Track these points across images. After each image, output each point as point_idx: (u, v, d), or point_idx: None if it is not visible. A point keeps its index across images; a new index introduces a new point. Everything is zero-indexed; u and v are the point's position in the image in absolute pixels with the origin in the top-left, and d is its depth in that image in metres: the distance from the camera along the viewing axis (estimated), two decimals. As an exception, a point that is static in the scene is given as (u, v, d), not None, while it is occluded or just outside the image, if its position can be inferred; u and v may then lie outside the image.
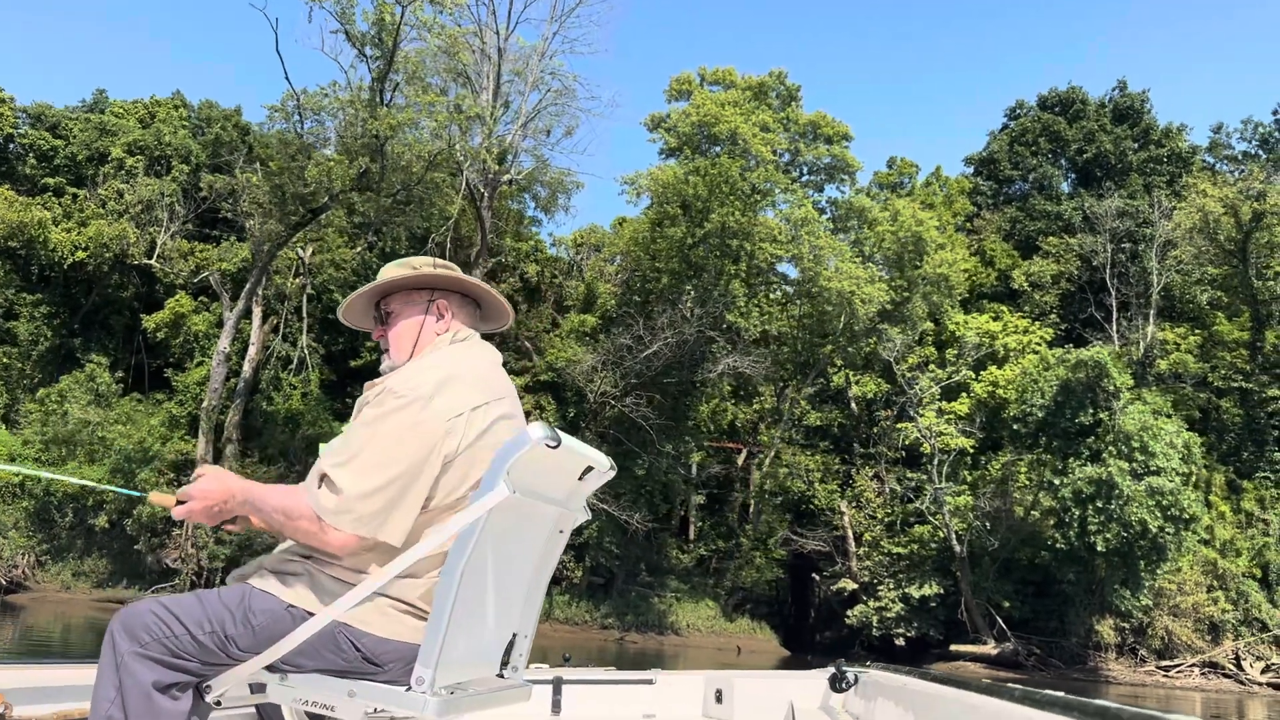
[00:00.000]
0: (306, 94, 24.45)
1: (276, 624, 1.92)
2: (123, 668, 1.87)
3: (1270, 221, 32.82)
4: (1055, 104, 40.82)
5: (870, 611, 31.57)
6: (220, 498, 2.00)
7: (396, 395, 1.94)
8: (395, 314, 2.21)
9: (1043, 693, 2.44)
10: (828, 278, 29.83)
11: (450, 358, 2.09)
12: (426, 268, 2.20)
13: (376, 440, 1.90)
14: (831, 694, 3.69)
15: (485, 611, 2.04)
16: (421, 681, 1.86)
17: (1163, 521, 25.28)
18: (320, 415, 29.51)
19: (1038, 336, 32.41)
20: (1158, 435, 26.10)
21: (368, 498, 1.86)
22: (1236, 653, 28.97)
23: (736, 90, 31.78)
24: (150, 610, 1.93)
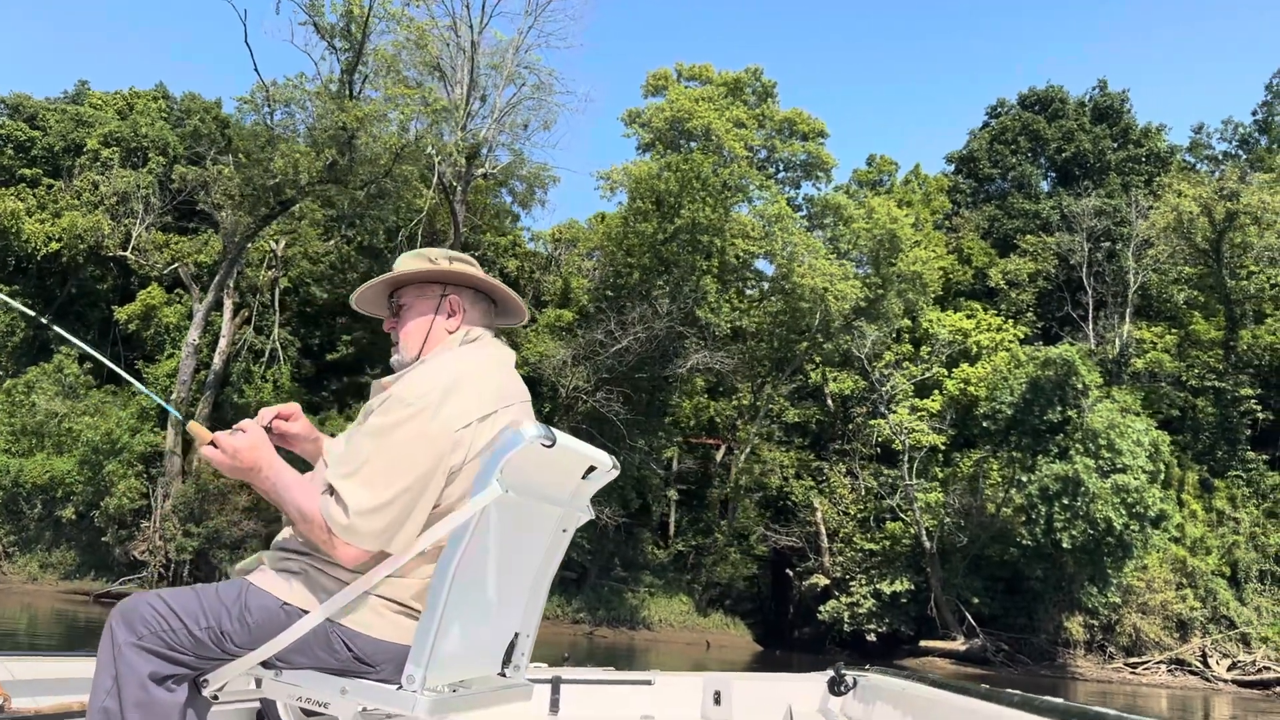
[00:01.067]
0: (276, 86, 24.41)
1: (271, 621, 1.92)
2: (120, 658, 1.88)
3: (1243, 221, 32.95)
4: (1035, 103, 40.92)
5: (842, 607, 31.67)
6: (247, 464, 1.98)
7: (405, 404, 1.93)
8: (407, 307, 2.18)
9: (1042, 699, 2.44)
10: (801, 274, 29.86)
11: (459, 361, 2.07)
12: (443, 261, 2.17)
13: (384, 452, 1.89)
14: (830, 697, 3.71)
15: (483, 611, 2.04)
16: (412, 680, 1.86)
17: (1128, 519, 25.40)
18: (292, 408, 29.45)
19: (1011, 334, 32.50)
20: (1125, 433, 26.21)
21: (377, 513, 1.86)
22: (1203, 650, 29.12)
23: (712, 86, 31.78)
24: (148, 603, 1.94)
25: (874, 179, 40.21)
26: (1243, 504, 33.11)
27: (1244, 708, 25.85)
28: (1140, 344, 36.29)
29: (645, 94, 32.30)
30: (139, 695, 1.87)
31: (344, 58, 23.98)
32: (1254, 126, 44.43)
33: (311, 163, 22.61)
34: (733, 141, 29.17)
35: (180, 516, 27.03)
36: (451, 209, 28.40)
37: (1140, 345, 36.27)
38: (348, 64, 23.77)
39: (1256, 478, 33.71)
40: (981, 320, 33.41)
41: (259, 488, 2.01)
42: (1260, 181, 35.15)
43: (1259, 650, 29.46)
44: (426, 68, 29.11)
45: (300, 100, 23.95)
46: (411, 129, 24.22)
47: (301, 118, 25.64)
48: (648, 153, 31.24)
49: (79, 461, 26.79)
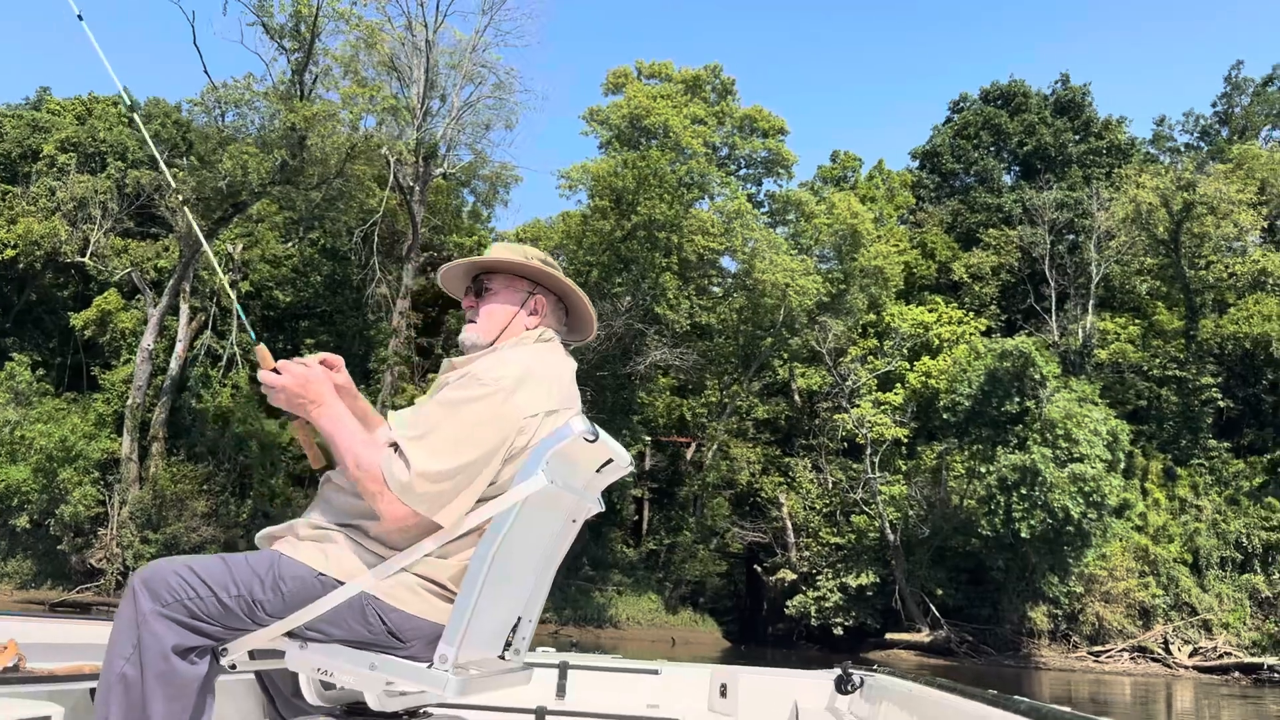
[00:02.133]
0: (226, 87, 24.23)
1: (306, 591, 1.90)
2: (143, 625, 1.83)
3: (1200, 211, 33.24)
4: (998, 97, 41.16)
5: (809, 601, 31.73)
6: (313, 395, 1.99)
7: (481, 383, 1.95)
8: (494, 292, 2.20)
9: (1049, 707, 2.44)
10: (762, 270, 29.91)
11: (535, 356, 2.09)
12: (536, 260, 2.20)
13: (455, 423, 1.90)
14: (837, 695, 3.70)
15: (505, 595, 2.06)
16: (444, 660, 1.87)
17: (1085, 508, 25.55)
18: (251, 412, 29.25)
19: (971, 327, 32.67)
20: (1082, 423, 26.38)
21: (438, 480, 1.86)
22: (1165, 637, 29.34)
23: (672, 84, 31.81)
24: (175, 570, 1.90)
25: (838, 175, 40.34)
26: (1205, 492, 33.39)
27: (1205, 693, 26.07)
28: (1104, 335, 36.56)
29: (605, 92, 32.34)
30: (161, 666, 1.83)
31: (294, 58, 23.83)
32: (1214, 118, 44.90)
33: (260, 164, 22.46)
34: (690, 138, 29.20)
35: (137, 523, 26.79)
36: (409, 209, 28.29)
37: (1104, 336, 36.53)
38: (297, 64, 23.63)
39: (1219, 466, 34.00)
40: (942, 313, 33.57)
41: (318, 423, 1.98)
42: (1218, 172, 35.51)
43: (1220, 636, 29.73)
44: (384, 68, 29.00)
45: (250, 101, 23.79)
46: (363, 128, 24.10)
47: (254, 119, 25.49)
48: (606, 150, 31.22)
49: (33, 469, 26.49)
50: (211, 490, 28.14)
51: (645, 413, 34.94)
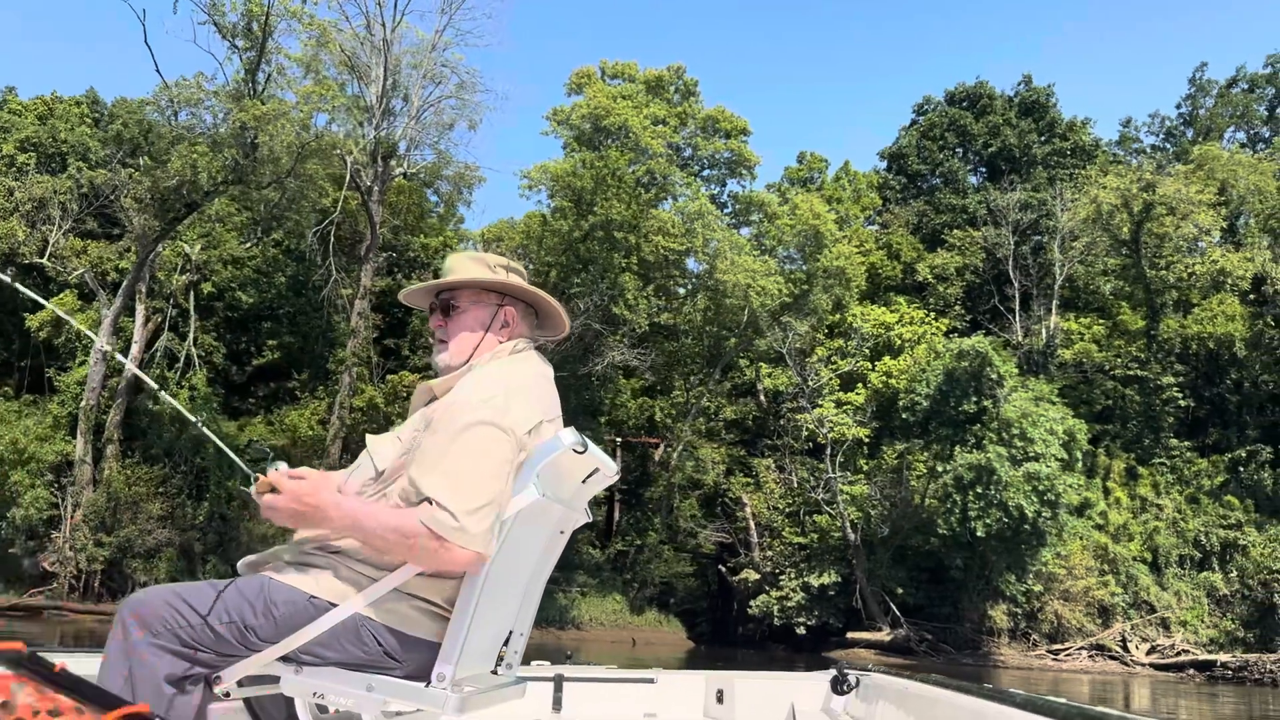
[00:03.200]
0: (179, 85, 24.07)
1: (299, 614, 1.89)
2: (135, 656, 1.82)
3: (1160, 212, 33.48)
4: (963, 99, 41.36)
5: (772, 601, 31.78)
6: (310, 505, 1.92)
7: (477, 408, 1.94)
8: (461, 310, 2.17)
9: (1044, 699, 2.43)
10: (723, 270, 29.95)
11: (513, 371, 2.09)
12: (500, 269, 2.17)
13: (470, 456, 1.90)
14: (833, 696, 3.71)
15: (498, 610, 2.06)
16: (443, 678, 1.87)
17: (1039, 506, 25.68)
18: (209, 414, 29.05)
19: (932, 327, 32.80)
20: (1037, 422, 26.50)
21: (480, 513, 1.86)
22: (1123, 635, 29.51)
23: (635, 84, 31.80)
24: (164, 599, 1.88)
25: (805, 176, 40.45)
26: (1166, 491, 33.61)
27: (1161, 690, 26.23)
28: (1068, 335, 36.77)
29: (569, 92, 32.31)
30: (154, 697, 1.81)
31: (246, 57, 23.70)
32: (1179, 120, 45.26)
33: (210, 163, 22.31)
34: (650, 138, 29.19)
35: (91, 526, 26.55)
36: (368, 209, 28.16)
37: (1068, 336, 36.74)
38: (249, 63, 23.49)
39: (1180, 465, 34.24)
40: (904, 314, 33.69)
41: (334, 526, 1.93)
42: (1179, 173, 35.80)
43: (1178, 634, 29.93)
44: (345, 67, 28.88)
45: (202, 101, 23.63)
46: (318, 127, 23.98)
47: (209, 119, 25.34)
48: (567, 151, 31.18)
49: (-16, 472, 26.23)
50: (168, 493, 27.93)
51: (615, 414, 34.92)
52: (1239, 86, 44.42)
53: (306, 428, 29.18)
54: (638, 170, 28.67)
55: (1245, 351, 35.42)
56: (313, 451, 29.01)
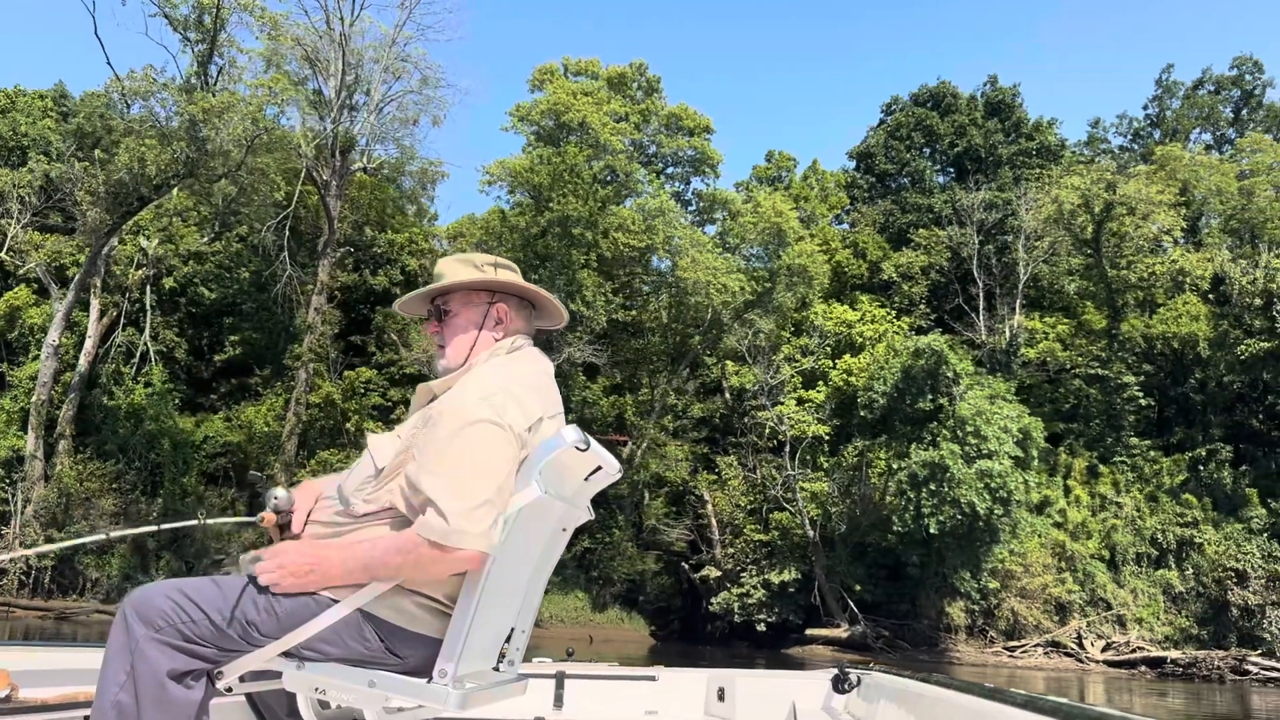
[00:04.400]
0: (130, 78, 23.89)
1: (301, 610, 1.90)
2: (136, 652, 1.83)
3: (1120, 212, 33.69)
4: (929, 99, 41.50)
5: (733, 598, 31.83)
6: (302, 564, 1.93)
7: (477, 406, 1.94)
8: (454, 314, 2.18)
9: (1046, 699, 2.43)
10: (684, 268, 29.96)
11: (510, 368, 2.10)
12: (488, 267, 2.19)
13: (467, 455, 1.90)
14: (834, 695, 3.71)
15: (500, 607, 2.07)
16: (444, 674, 1.87)
17: (991, 504, 25.80)
18: (164, 410, 28.89)
19: (894, 326, 32.90)
20: (990, 420, 26.62)
21: (476, 513, 1.86)
22: (1079, 632, 29.68)
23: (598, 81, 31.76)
24: (165, 594, 1.88)
25: (773, 175, 40.52)
26: (1127, 489, 33.81)
27: (1114, 686, 26.41)
28: (1031, 334, 36.96)
29: (531, 88, 32.25)
30: (156, 692, 1.81)
31: (198, 50, 23.56)
32: (1146, 121, 45.56)
33: (158, 156, 22.14)
34: (609, 135, 29.16)
35: (42, 522, 26.33)
36: (325, 204, 28.02)
37: (1032, 335, 36.93)
38: (200, 55, 23.35)
39: (1141, 463, 34.45)
40: (866, 312, 33.80)
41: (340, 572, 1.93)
42: (1140, 173, 36.03)
43: (1133, 630, 30.12)
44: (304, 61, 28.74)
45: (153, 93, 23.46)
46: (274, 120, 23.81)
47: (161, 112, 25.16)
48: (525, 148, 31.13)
49: (-69, 468, 25.98)
50: (121, 489, 27.74)
51: (586, 411, 34.87)
52: (1205, 88, 44.75)
53: (263, 424, 29.02)
54: (597, 167, 28.62)
55: (1209, 351, 35.70)
56: (268, 447, 28.87)
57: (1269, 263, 32.61)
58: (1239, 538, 30.87)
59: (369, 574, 1.92)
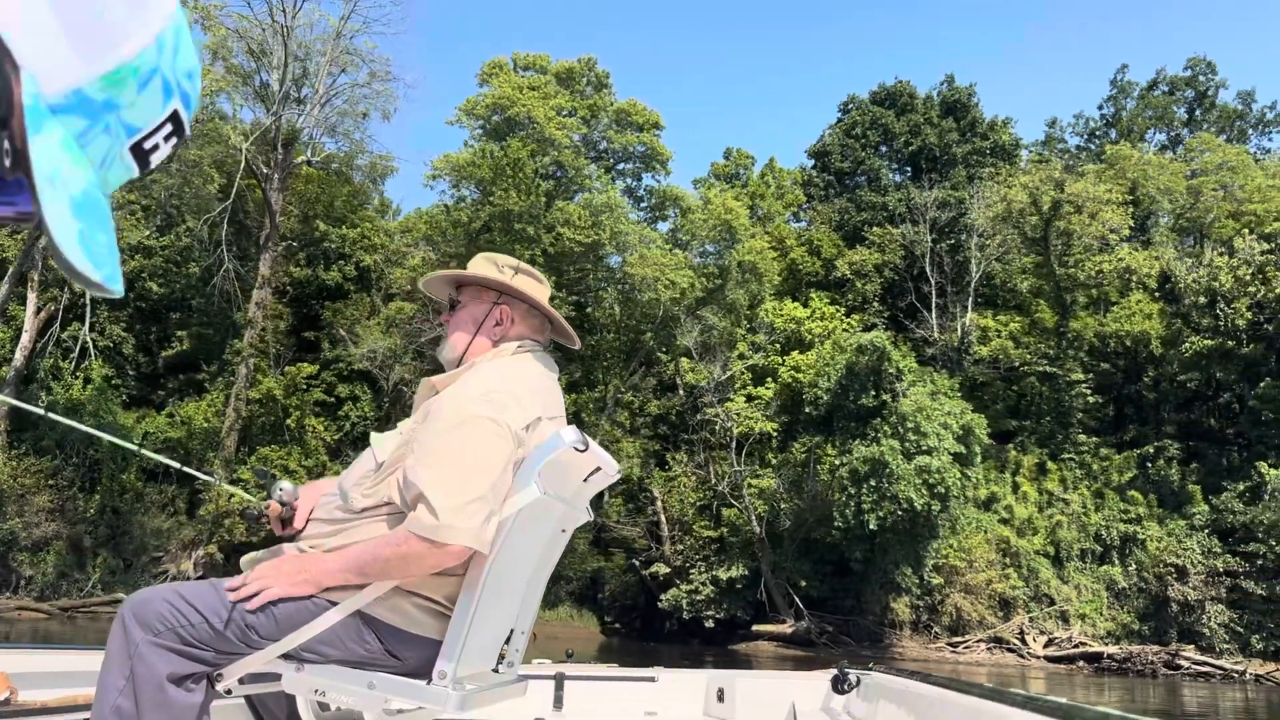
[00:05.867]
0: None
1: (299, 613, 1.90)
2: (136, 656, 1.82)
3: (1067, 210, 33.94)
4: (885, 98, 41.66)
5: (682, 595, 31.87)
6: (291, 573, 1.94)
7: (475, 403, 1.95)
8: (462, 306, 2.24)
9: (1045, 699, 2.43)
10: (632, 264, 29.92)
11: (512, 368, 2.11)
12: (507, 269, 2.22)
13: (459, 451, 1.90)
14: (834, 695, 3.70)
15: (499, 608, 2.07)
16: (444, 676, 1.87)
17: (929, 499, 25.93)
18: (104, 405, 28.56)
19: (844, 324, 33.00)
20: (931, 416, 26.75)
21: (466, 509, 1.86)
22: (1021, 628, 29.89)
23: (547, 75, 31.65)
24: (164, 598, 1.89)
25: (731, 172, 40.54)
26: (1075, 486, 34.07)
27: (1053, 681, 26.63)
28: (984, 332, 37.16)
29: (480, 82, 32.08)
30: (156, 696, 1.81)
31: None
32: (1100, 121, 45.95)
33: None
34: (555, 129, 29.06)
35: (-26, 518, 25.97)
36: (265, 198, 27.76)
37: (984, 333, 37.13)
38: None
39: (1089, 460, 34.72)
40: (816, 309, 33.89)
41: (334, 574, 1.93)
42: (1090, 172, 36.32)
43: (1076, 626, 30.36)
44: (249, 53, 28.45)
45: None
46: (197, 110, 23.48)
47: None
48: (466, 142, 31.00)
49: None
50: (57, 485, 27.40)
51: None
52: (1159, 89, 45.15)
53: (202, 420, 28.74)
54: (542, 161, 28.51)
55: (1161, 350, 36.04)
56: (208, 444, 28.60)
57: (1212, 260, 32.94)
58: (1181, 534, 31.18)
59: (362, 572, 1.91)
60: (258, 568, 1.98)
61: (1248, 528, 29.91)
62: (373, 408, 32.83)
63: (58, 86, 0.60)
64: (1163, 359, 36.51)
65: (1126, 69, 45.97)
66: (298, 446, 28.53)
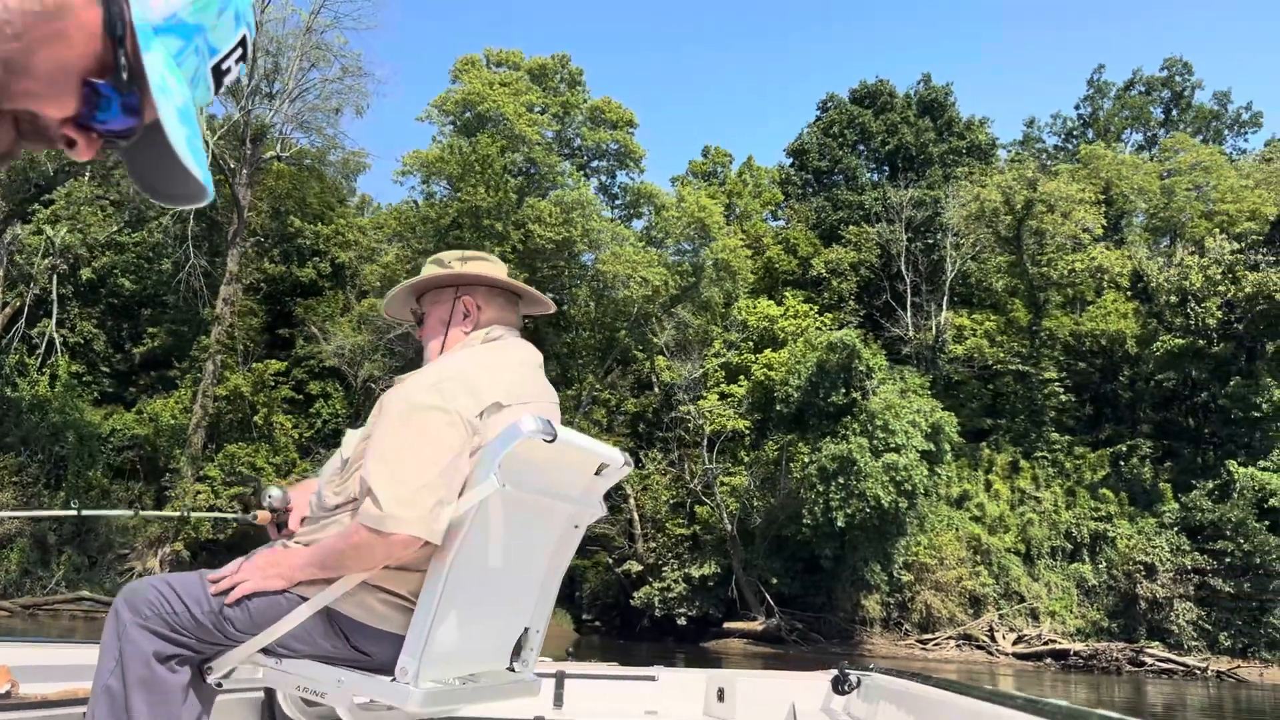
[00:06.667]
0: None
1: (273, 608, 1.94)
2: (124, 637, 1.90)
3: (1040, 210, 34.04)
4: (864, 97, 41.73)
5: (654, 592, 31.87)
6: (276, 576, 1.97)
7: (424, 392, 1.95)
8: (426, 314, 2.22)
9: (1046, 701, 2.45)
10: (604, 261, 29.88)
11: (474, 357, 2.09)
12: (455, 262, 2.20)
13: (411, 439, 1.90)
14: (834, 696, 3.73)
15: (488, 605, 2.03)
16: (405, 672, 1.86)
17: (896, 497, 25.97)
18: (70, 402, 28.38)
19: (817, 322, 33.03)
20: (900, 414, 26.79)
21: (411, 499, 1.85)
22: (990, 625, 29.97)
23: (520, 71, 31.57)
24: (153, 585, 1.96)
25: (709, 170, 40.55)
26: (1048, 484, 34.19)
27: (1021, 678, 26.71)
28: (959, 331, 37.25)
29: (453, 78, 31.97)
30: (143, 673, 1.88)
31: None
32: (1077, 121, 46.11)
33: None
34: (525, 126, 28.99)
35: (-64, 515, 25.76)
36: (233, 193, 27.62)
37: (960, 332, 37.22)
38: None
39: (1062, 458, 34.84)
40: (790, 307, 33.92)
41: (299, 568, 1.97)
42: (1063, 171, 36.44)
43: (1045, 623, 30.46)
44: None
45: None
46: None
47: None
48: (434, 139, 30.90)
49: None
50: (23, 482, 27.22)
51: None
52: (1136, 89, 45.33)
53: (169, 416, 28.58)
54: (512, 158, 28.44)
55: (1137, 349, 36.19)
56: (175, 441, 28.44)
57: (1182, 260, 33.09)
58: (1150, 532, 31.31)
59: (324, 566, 1.94)
60: (236, 562, 2.02)
61: (1216, 525, 30.06)
62: (345, 405, 32.72)
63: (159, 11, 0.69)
64: (1138, 358, 36.67)
65: (1103, 69, 46.14)
66: (266, 444, 28.40)
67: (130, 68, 0.68)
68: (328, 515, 2.03)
